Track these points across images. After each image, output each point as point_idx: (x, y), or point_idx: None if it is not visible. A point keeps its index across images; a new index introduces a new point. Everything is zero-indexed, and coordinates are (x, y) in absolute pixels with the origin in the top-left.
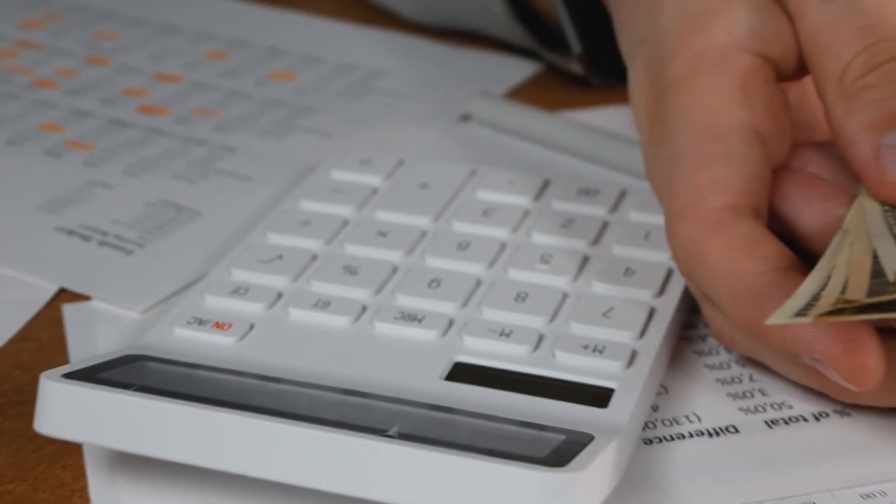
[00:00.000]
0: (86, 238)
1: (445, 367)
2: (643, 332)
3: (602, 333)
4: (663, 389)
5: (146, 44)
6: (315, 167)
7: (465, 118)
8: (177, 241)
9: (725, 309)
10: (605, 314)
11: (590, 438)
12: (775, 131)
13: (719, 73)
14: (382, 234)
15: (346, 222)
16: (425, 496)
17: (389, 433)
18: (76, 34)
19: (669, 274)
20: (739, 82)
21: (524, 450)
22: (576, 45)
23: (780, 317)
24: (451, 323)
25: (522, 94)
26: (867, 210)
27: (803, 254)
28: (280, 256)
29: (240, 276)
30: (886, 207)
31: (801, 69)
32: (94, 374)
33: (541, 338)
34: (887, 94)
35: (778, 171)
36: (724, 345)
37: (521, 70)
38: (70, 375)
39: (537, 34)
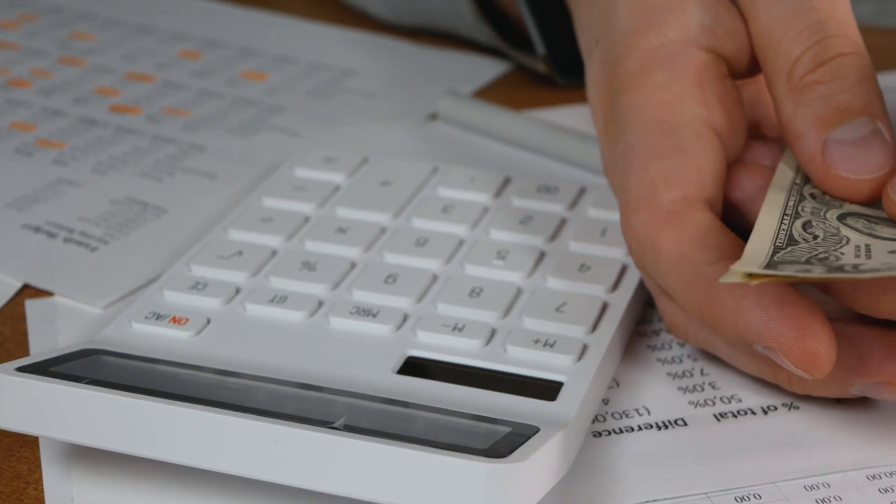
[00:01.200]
0: (51, 235)
1: (398, 361)
2: (595, 327)
3: (554, 328)
4: (615, 383)
5: (120, 44)
6: (280, 165)
7: (433, 117)
8: (141, 238)
9: (678, 299)
10: (557, 309)
11: (535, 430)
12: (729, 126)
13: (672, 69)
14: (342, 230)
15: (307, 219)
16: (369, 487)
17: (335, 425)
18: (52, 35)
19: (624, 269)
20: (692, 78)
21: (467, 441)
22: (539, 45)
23: (731, 276)
24: (405, 318)
25: (491, 93)
26: (778, 174)
27: None
28: (240, 253)
29: (199, 271)
30: (798, 180)
31: (755, 66)
32: (47, 368)
33: (493, 332)
34: (834, 90)
35: (732, 165)
36: (678, 337)
37: (490, 69)
38: (24, 369)
39: (504, 34)
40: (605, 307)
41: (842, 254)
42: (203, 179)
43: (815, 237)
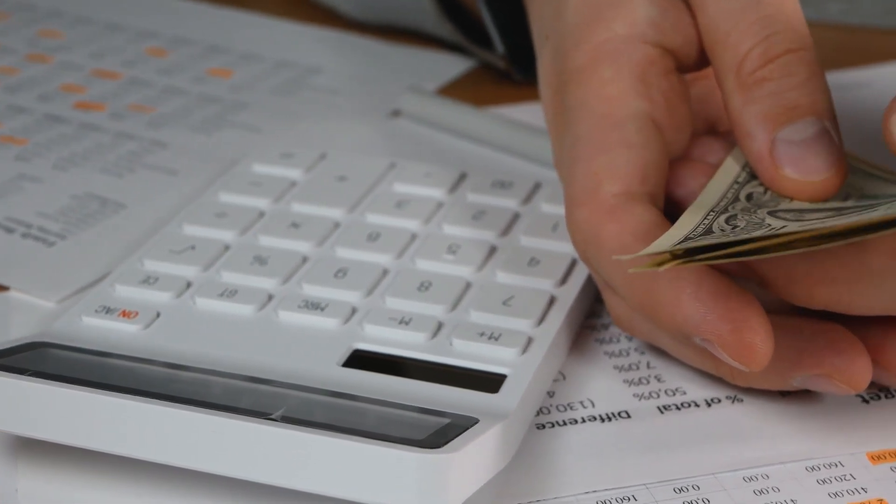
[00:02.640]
0: (9, 230)
1: (343, 354)
2: (541, 320)
3: (500, 321)
4: (561, 376)
5: (89, 42)
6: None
7: (396, 114)
8: (99, 233)
9: (620, 292)
10: (504, 303)
11: (473, 422)
12: (673, 121)
13: (618, 63)
14: (295, 225)
15: (261, 214)
16: (305, 478)
17: (273, 416)
18: (21, 32)
19: (573, 264)
20: (638, 72)
21: (404, 432)
22: (497, 42)
23: (638, 264)
24: (353, 311)
25: (455, 90)
26: (721, 172)
27: None
28: (192, 247)
29: (152, 266)
30: (741, 179)
31: (703, 60)
32: None
33: (440, 326)
34: (783, 87)
35: (677, 161)
36: (624, 330)
37: (454, 67)
38: None
39: (467, 31)
40: (552, 301)
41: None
42: (163, 176)
43: (735, 227)
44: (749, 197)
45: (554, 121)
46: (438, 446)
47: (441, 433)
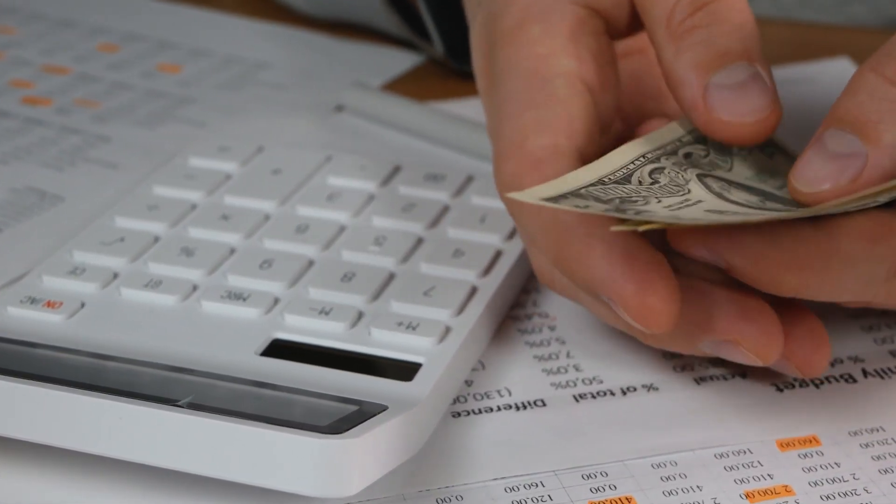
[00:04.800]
0: None
1: (263, 344)
2: (461, 310)
3: (420, 311)
4: (480, 365)
5: (41, 38)
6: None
7: (339, 109)
8: (35, 226)
9: (539, 245)
10: (425, 293)
11: (381, 409)
12: (602, 82)
13: (547, 23)
14: (226, 217)
15: (193, 206)
16: (211, 464)
17: (180, 403)
18: None
19: (497, 255)
20: (567, 32)
21: (308, 418)
22: (433, 32)
23: (526, 195)
24: (276, 302)
25: (402, 85)
26: (668, 128)
27: None
28: (122, 239)
29: (80, 257)
30: (686, 140)
31: (635, 23)
32: None
33: (360, 315)
34: (714, 34)
35: (622, 138)
36: (545, 284)
37: (402, 62)
38: None
39: (414, 25)
40: (473, 291)
41: (658, 202)
42: (104, 169)
43: (656, 182)
44: (687, 155)
45: (485, 87)
46: (340, 432)
47: (346, 420)
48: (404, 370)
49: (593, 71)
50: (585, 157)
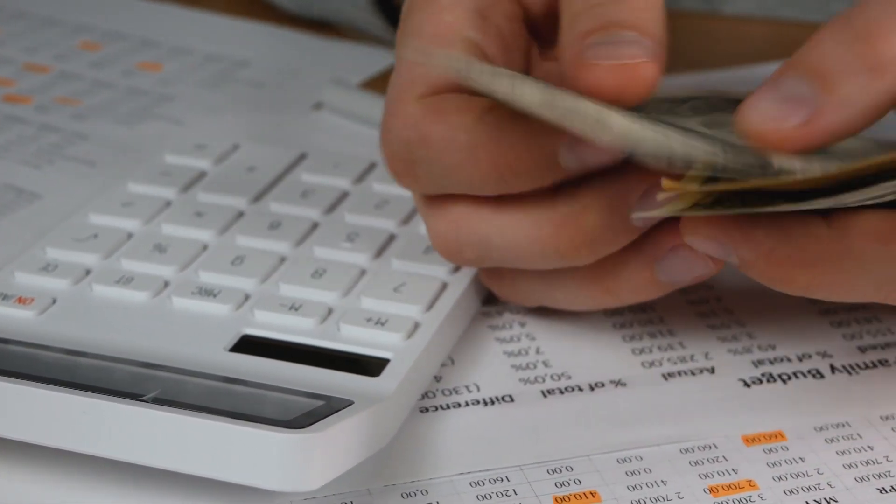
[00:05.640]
0: None
1: (232, 339)
2: (430, 306)
3: (389, 307)
4: (450, 361)
5: (23, 36)
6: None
7: (318, 106)
8: (11, 223)
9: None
10: (396, 289)
11: (347, 404)
12: (503, 62)
13: None
14: (199, 214)
15: (168, 203)
16: (175, 458)
17: (145, 398)
18: None
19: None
20: (477, 6)
21: (273, 413)
22: None
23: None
24: (246, 298)
25: (382, 83)
26: None
27: None
28: (95, 235)
29: (53, 254)
30: None
31: (553, 18)
32: None
33: (330, 311)
34: (609, 9)
35: None
36: (506, 299)
37: (381, 60)
38: None
39: (396, 26)
40: (444, 287)
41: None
42: (81, 167)
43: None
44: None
45: (396, 49)
46: (303, 427)
47: (311, 414)
48: (372, 366)
49: (497, 49)
50: None
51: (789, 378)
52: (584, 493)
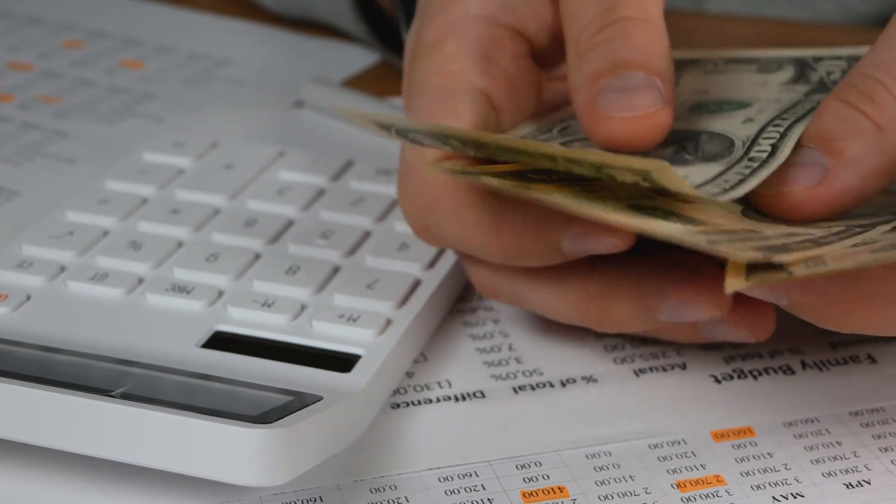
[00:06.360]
0: None
1: (204, 336)
2: (403, 303)
3: (362, 304)
4: (422, 357)
5: (7, 34)
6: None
7: (299, 104)
8: None
9: (473, 244)
10: (368, 286)
11: (316, 400)
12: (511, 102)
13: (463, 40)
14: (175, 211)
15: (145, 201)
16: (142, 453)
17: (113, 394)
18: None
19: (443, 248)
20: (481, 51)
21: (241, 409)
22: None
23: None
24: (220, 294)
25: (362, 82)
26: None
27: None
28: (71, 233)
29: (29, 250)
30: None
31: (559, 49)
32: None
33: (302, 308)
34: (616, 48)
35: None
36: (488, 297)
37: (363, 59)
38: None
39: (379, 31)
40: (416, 284)
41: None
42: (61, 164)
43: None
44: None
45: (404, 97)
46: (271, 422)
47: (278, 410)
48: (343, 362)
49: (505, 91)
50: None
51: (760, 374)
52: (553, 489)
